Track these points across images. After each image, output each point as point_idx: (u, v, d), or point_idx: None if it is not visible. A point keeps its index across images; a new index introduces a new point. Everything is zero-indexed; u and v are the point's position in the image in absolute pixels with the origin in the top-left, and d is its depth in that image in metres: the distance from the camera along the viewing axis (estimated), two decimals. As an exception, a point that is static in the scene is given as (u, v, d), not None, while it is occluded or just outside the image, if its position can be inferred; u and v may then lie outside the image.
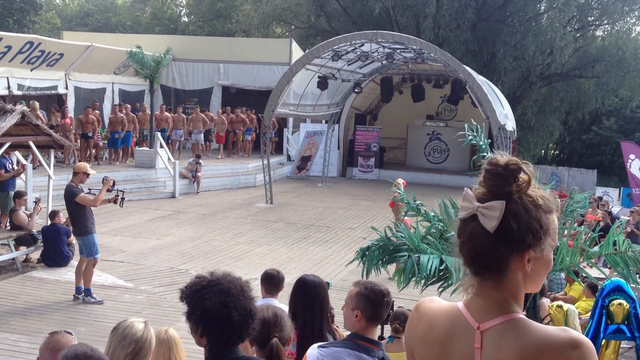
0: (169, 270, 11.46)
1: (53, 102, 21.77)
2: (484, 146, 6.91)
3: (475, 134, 6.99)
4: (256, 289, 3.68)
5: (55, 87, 21.76)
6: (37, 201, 11.92)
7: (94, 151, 20.01)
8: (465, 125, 7.24)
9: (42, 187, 14.42)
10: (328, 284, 4.83)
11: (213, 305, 2.66)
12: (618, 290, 5.42)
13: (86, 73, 22.91)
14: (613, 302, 5.34)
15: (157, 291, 10.02)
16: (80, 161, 16.89)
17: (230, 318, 2.66)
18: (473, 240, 1.75)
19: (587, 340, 1.71)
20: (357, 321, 3.53)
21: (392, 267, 8.48)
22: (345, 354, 3.38)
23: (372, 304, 3.51)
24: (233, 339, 2.71)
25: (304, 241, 14.50)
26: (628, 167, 26.49)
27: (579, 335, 1.72)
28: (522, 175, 1.75)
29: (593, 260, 6.66)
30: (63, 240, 11.24)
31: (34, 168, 14.98)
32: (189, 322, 2.74)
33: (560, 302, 6.88)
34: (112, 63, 23.88)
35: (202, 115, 23.35)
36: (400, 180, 11.08)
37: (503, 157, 1.79)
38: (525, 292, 1.82)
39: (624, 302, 5.33)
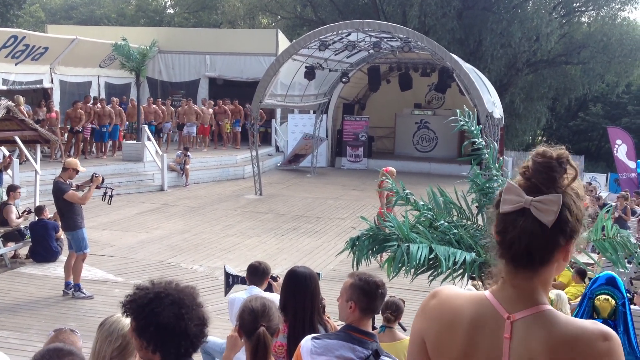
0: (159, 264, 11.43)
1: (38, 96, 21.60)
2: (475, 132, 6.91)
3: (467, 120, 6.99)
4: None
5: (40, 81, 21.59)
6: (26, 212, 11.89)
7: (81, 145, 19.85)
8: (457, 111, 7.24)
9: (29, 183, 14.35)
10: (319, 274, 4.83)
11: (168, 319, 2.50)
12: (610, 284, 5.41)
13: (71, 66, 22.74)
14: (599, 296, 5.34)
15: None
16: (69, 156, 16.81)
17: (187, 330, 2.53)
18: (527, 235, 1.72)
19: (615, 334, 1.72)
20: (351, 312, 3.52)
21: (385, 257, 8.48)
22: (339, 346, 3.39)
23: (366, 295, 3.50)
24: (190, 351, 2.60)
25: (294, 232, 14.50)
26: (615, 152, 26.67)
27: (608, 328, 1.72)
28: (570, 169, 1.76)
29: (582, 246, 6.69)
30: (51, 236, 11.17)
31: (20, 163, 14.88)
32: (139, 339, 2.56)
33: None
34: (97, 56, 23.71)
35: (195, 107, 23.25)
36: (391, 169, 11.05)
37: (555, 150, 1.79)
38: None
39: (611, 298, 5.32)
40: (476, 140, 6.82)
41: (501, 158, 6.97)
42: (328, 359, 3.37)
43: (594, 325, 1.71)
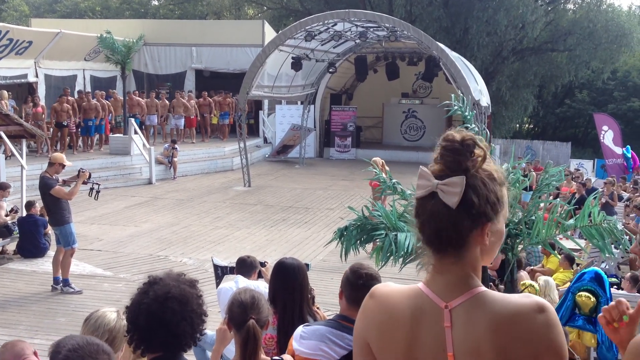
0: (148, 257, 11.40)
1: (24, 91, 21.44)
2: (469, 117, 6.92)
3: (461, 105, 7.00)
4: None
5: (25, 76, 21.41)
6: (13, 210, 11.81)
7: (67, 139, 19.73)
8: (452, 95, 7.26)
9: (15, 178, 14.23)
10: (307, 265, 4.84)
11: (168, 317, 2.52)
12: (595, 281, 5.44)
13: (56, 60, 22.55)
14: (581, 293, 5.37)
15: (136, 279, 9.95)
16: (55, 150, 16.70)
17: (186, 327, 2.56)
18: (434, 218, 1.74)
19: (550, 305, 1.74)
20: (340, 300, 3.61)
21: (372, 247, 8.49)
22: (328, 331, 3.45)
23: (350, 285, 3.55)
24: (187, 346, 2.62)
25: (283, 223, 14.49)
26: (601, 138, 26.83)
27: (540, 299, 1.75)
28: (477, 150, 1.76)
29: (569, 233, 6.73)
30: (40, 232, 11.11)
31: (6, 158, 14.77)
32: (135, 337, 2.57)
33: (532, 282, 6.95)
34: (82, 49, 23.53)
35: (183, 100, 23.14)
36: (378, 160, 11.10)
37: (459, 132, 1.80)
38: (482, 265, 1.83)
39: (592, 296, 5.36)
40: (469, 125, 6.83)
41: (491, 146, 6.98)
42: (315, 343, 3.43)
43: (528, 298, 1.73)
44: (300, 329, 3.56)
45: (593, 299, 5.41)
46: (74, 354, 2.34)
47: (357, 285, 3.51)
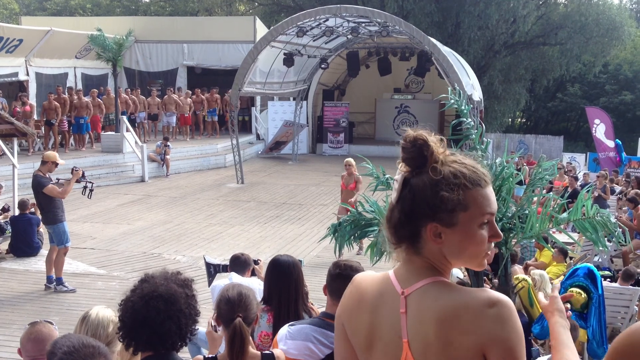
0: (142, 255, 11.37)
1: (14, 89, 21.34)
2: (465, 111, 6.92)
3: (457, 99, 7.00)
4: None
5: (16, 74, 21.31)
6: (4, 208, 11.76)
7: (59, 137, 19.64)
8: (449, 88, 7.27)
9: (7, 177, 14.17)
10: (300, 261, 4.83)
11: (158, 316, 2.51)
12: (588, 278, 5.44)
13: (47, 58, 22.45)
14: (572, 289, 5.38)
15: (130, 277, 9.93)
16: (47, 149, 16.62)
17: (178, 326, 2.55)
18: (388, 211, 1.83)
19: (506, 299, 1.71)
20: (325, 294, 3.63)
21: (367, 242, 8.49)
22: (311, 330, 3.48)
23: (330, 277, 3.60)
24: (180, 345, 2.61)
25: (277, 220, 14.48)
26: (593, 132, 26.86)
27: (497, 294, 1.72)
28: (430, 149, 1.77)
29: (562, 226, 6.74)
30: (34, 230, 11.06)
31: (-3, 157, 14.72)
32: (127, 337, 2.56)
33: (525, 277, 6.95)
34: (73, 47, 23.43)
35: (174, 97, 23.06)
36: (352, 160, 11.38)
37: (414, 131, 1.82)
38: (455, 266, 1.84)
39: (583, 293, 5.36)
40: (465, 119, 6.83)
41: (487, 140, 6.97)
42: (301, 343, 3.45)
43: (481, 292, 1.72)
44: (285, 329, 3.57)
45: (584, 294, 5.42)
46: (69, 357, 2.31)
47: (334, 275, 3.54)
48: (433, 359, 1.71)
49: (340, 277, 3.52)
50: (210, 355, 3.35)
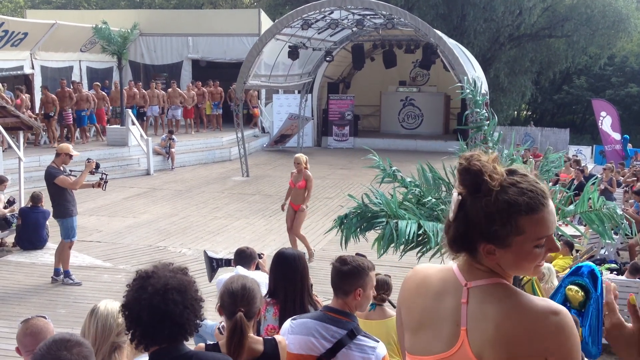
0: (147, 248, 11.39)
1: (20, 82, 21.36)
2: (480, 102, 6.89)
3: (472, 89, 6.97)
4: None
5: (21, 68, 21.33)
6: (10, 200, 11.77)
7: (58, 131, 19.66)
8: (465, 78, 7.24)
9: (13, 170, 14.19)
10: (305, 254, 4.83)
11: (167, 307, 2.51)
12: (589, 277, 5.41)
13: (52, 52, 22.47)
14: (571, 287, 5.35)
15: (135, 270, 9.94)
16: (53, 142, 16.63)
17: (184, 318, 2.55)
18: (445, 225, 1.93)
19: (565, 309, 1.79)
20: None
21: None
22: (314, 324, 3.48)
23: (333, 271, 3.61)
24: (186, 337, 2.61)
25: (282, 213, 14.37)
26: (600, 124, 26.78)
27: (557, 304, 1.80)
28: (491, 176, 1.79)
29: (569, 219, 6.72)
30: (44, 224, 11.07)
31: (3, 150, 14.72)
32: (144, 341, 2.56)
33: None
34: (78, 40, 23.43)
35: (179, 90, 23.02)
36: (303, 157, 11.07)
37: (470, 153, 1.86)
38: (511, 275, 1.91)
39: (581, 291, 5.34)
40: (479, 110, 6.81)
41: (499, 132, 6.95)
42: (302, 338, 3.45)
43: (543, 301, 1.80)
44: (288, 323, 3.59)
45: (581, 293, 5.40)
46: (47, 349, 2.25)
47: (334, 270, 3.57)
48: (489, 353, 1.79)
49: (340, 274, 3.55)
50: (212, 343, 3.38)
